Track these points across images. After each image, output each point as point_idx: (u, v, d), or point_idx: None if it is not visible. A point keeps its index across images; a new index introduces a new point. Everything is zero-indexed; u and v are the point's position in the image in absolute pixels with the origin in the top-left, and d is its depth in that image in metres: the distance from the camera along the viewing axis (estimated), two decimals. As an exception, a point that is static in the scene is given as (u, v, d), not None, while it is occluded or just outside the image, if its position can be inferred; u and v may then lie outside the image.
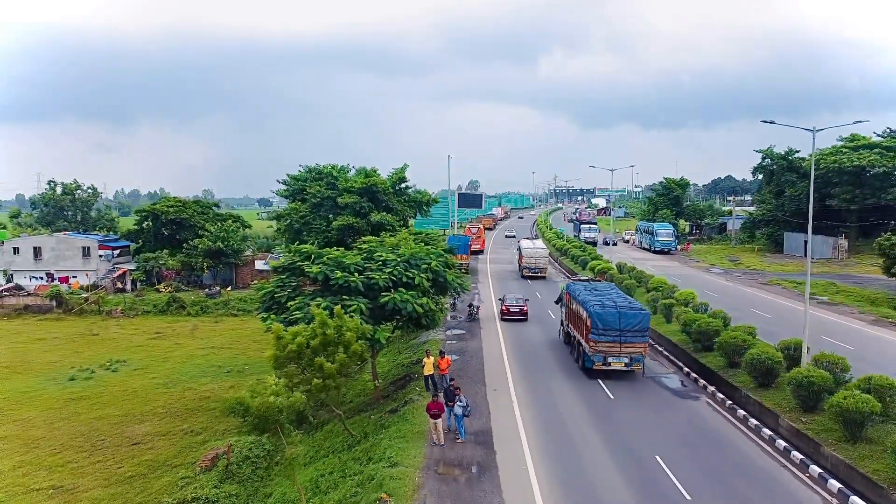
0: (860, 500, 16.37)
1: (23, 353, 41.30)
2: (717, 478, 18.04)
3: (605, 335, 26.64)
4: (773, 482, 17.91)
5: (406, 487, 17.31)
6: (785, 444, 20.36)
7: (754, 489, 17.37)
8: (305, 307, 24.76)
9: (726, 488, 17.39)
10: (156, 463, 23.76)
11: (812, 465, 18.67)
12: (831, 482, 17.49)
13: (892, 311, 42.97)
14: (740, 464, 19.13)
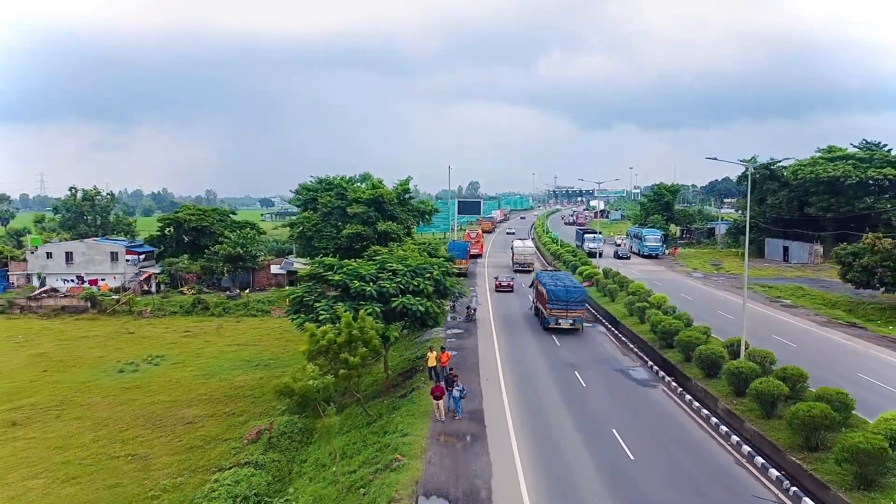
0: (762, 460, 21.51)
1: (70, 349, 46.49)
2: (658, 445, 23.15)
3: (557, 304, 39.79)
4: (701, 448, 23.02)
5: (415, 450, 22.43)
6: (717, 420, 25.48)
7: (685, 453, 22.49)
8: (330, 309, 29.92)
9: (663, 452, 22.50)
10: (208, 437, 28.92)
11: (734, 436, 23.79)
12: (745, 448, 22.61)
13: (845, 313, 48.11)
14: (679, 435, 24.25)
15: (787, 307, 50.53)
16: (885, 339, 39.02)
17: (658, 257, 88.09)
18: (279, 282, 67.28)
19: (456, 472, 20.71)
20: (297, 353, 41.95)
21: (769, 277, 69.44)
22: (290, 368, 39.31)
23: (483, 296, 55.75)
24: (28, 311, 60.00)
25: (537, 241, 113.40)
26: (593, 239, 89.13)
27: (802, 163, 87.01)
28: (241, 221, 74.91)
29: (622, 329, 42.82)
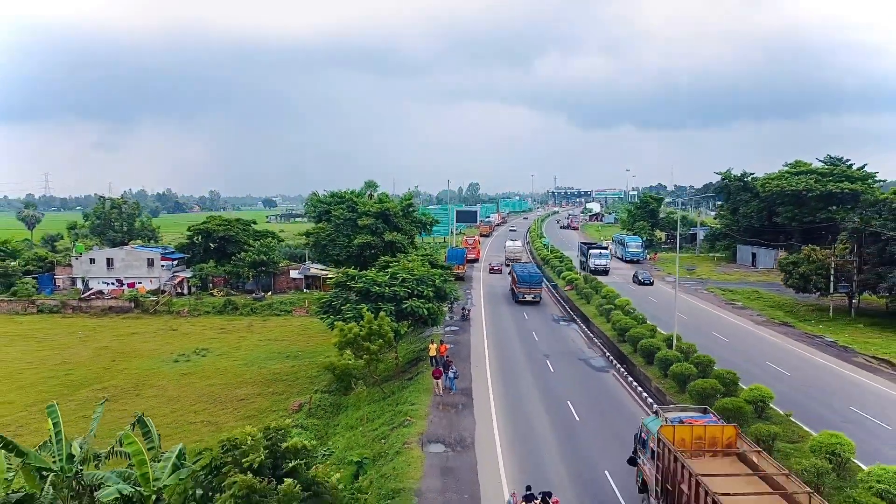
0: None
1: (127, 343, 54.92)
2: (599, 412, 31.53)
3: (523, 285, 60.19)
4: (631, 415, 31.38)
5: (420, 414, 30.81)
6: (647, 395, 33.87)
7: (617, 417, 30.86)
8: (354, 309, 38.37)
9: (602, 416, 30.87)
10: (260, 409, 37.31)
11: (656, 406, 32.16)
12: (661, 412, 30.94)
13: (784, 314, 56.48)
14: (617, 406, 32.64)
15: (737, 309, 58.90)
16: (804, 335, 47.45)
17: (640, 262, 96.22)
18: (298, 285, 75.73)
19: (450, 427, 29.11)
20: (320, 345, 50.67)
21: (734, 281, 77.88)
22: (315, 359, 47.92)
23: (478, 297, 64.26)
24: (79, 310, 68.44)
25: (531, 245, 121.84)
26: (599, 255, 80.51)
27: (771, 176, 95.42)
28: (262, 231, 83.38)
29: (592, 327, 51.14)
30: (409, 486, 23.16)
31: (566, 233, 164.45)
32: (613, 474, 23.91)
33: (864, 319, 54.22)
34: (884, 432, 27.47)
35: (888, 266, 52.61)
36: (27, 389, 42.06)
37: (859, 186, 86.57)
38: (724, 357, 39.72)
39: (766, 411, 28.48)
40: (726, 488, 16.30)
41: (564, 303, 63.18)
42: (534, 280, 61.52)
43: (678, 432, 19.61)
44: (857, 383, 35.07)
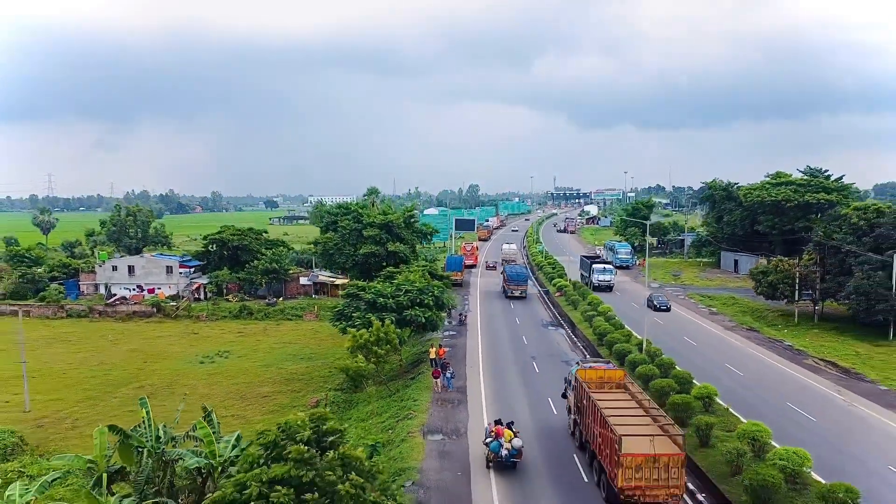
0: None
1: (155, 346, 60.32)
2: (554, 366, 36.74)
3: (511, 282, 71.63)
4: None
5: (421, 409, 36.17)
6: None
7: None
8: (364, 317, 43.75)
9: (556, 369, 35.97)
10: (281, 405, 42.66)
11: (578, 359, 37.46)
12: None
13: (753, 319, 61.88)
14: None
15: (711, 315, 64.28)
16: (766, 340, 52.88)
17: (629, 268, 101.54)
18: (307, 291, 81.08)
19: (447, 419, 34.48)
20: (331, 348, 56.08)
21: (714, 287, 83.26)
22: (327, 360, 53.35)
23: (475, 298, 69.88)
24: (105, 315, 73.82)
25: (528, 250, 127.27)
26: (603, 270, 76.58)
27: (753, 186, 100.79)
28: (273, 240, 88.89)
29: (577, 331, 56.50)
30: (413, 465, 28.53)
31: (562, 237, 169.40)
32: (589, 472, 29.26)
33: (826, 324, 59.61)
34: (809, 423, 32.87)
35: (847, 276, 57.93)
36: (74, 388, 47.47)
37: (835, 197, 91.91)
38: (689, 359, 45.20)
39: (713, 406, 33.85)
40: (611, 405, 26.68)
41: (554, 308, 68.54)
42: (520, 278, 73.37)
43: (587, 374, 30.59)
44: (799, 382, 40.48)
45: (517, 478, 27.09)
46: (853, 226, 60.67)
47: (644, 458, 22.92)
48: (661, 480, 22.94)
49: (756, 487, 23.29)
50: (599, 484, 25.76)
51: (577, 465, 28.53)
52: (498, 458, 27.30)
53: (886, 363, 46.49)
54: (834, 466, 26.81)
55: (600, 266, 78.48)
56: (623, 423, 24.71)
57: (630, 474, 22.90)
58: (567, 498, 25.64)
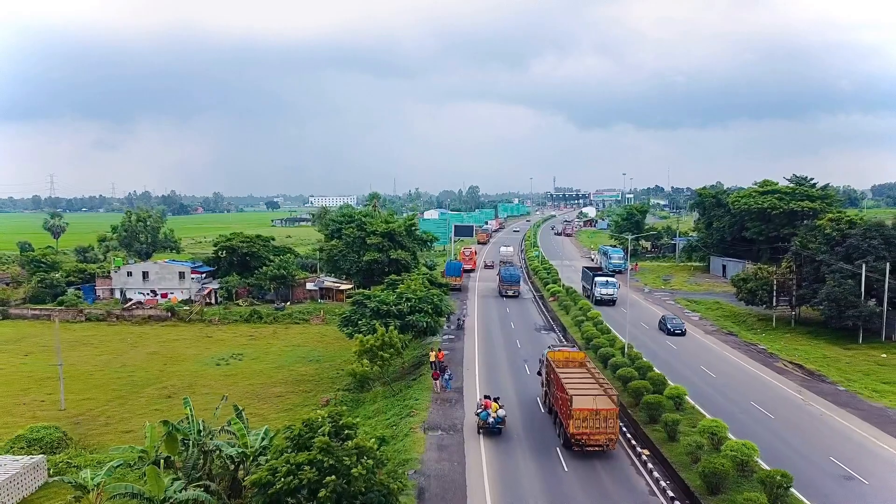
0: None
1: (172, 348, 64.33)
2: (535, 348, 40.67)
3: (505, 282, 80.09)
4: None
5: (422, 407, 40.17)
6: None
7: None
8: (369, 324, 47.76)
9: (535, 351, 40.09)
10: (294, 404, 46.62)
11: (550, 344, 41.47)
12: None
13: (733, 324, 65.83)
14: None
15: (694, 319, 68.15)
16: (742, 343, 56.85)
17: (622, 272, 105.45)
18: (313, 296, 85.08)
19: (445, 417, 38.46)
20: (337, 351, 60.03)
21: (701, 292, 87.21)
22: (334, 362, 57.32)
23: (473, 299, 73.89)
24: (122, 319, 77.83)
25: (525, 255, 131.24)
26: (605, 284, 73.79)
27: (741, 194, 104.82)
28: (280, 247, 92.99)
29: (568, 335, 60.42)
30: (415, 456, 32.53)
31: (559, 241, 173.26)
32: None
33: (802, 328, 63.68)
34: (766, 420, 36.88)
35: (821, 283, 61.91)
36: (102, 388, 51.46)
37: (818, 205, 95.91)
38: (668, 362, 49.29)
39: (683, 404, 37.85)
40: (569, 377, 34.74)
41: (548, 312, 72.49)
42: (513, 279, 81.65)
43: (555, 355, 38.88)
44: (765, 383, 44.48)
45: (502, 439, 34.33)
46: (827, 236, 64.67)
47: (589, 412, 31.20)
48: (601, 428, 31.42)
49: (708, 474, 27.30)
50: (559, 434, 34.26)
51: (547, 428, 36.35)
52: (486, 425, 34.79)
53: (851, 366, 50.52)
54: (781, 456, 30.81)
55: (603, 279, 74.77)
56: (576, 387, 33.18)
57: (578, 424, 31.34)
58: (536, 451, 33.02)
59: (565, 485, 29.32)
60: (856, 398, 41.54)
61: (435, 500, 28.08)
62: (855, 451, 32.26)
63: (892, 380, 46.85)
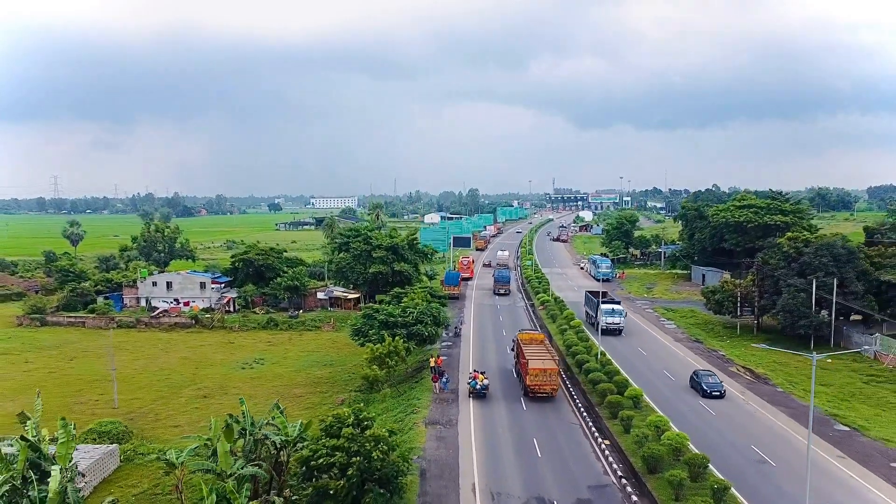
0: (584, 410, 46.90)
1: (200, 354, 71.95)
2: (540, 404, 48.48)
3: (498, 282, 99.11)
4: (561, 406, 48.40)
5: (423, 406, 47.85)
6: (574, 391, 50.77)
7: (551, 407, 47.91)
8: (378, 334, 55.43)
9: (542, 407, 47.81)
10: (313, 403, 54.19)
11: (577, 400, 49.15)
12: (579, 404, 47.99)
13: (702, 332, 73.41)
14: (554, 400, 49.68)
15: (667, 327, 75.75)
16: (705, 350, 64.49)
17: (609, 280, 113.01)
18: (323, 304, 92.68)
19: (442, 414, 46.10)
20: (348, 356, 67.60)
21: (680, 300, 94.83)
22: (346, 366, 64.89)
23: (468, 312, 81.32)
24: (150, 326, 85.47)
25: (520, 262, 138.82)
26: (612, 312, 68.56)
27: (720, 208, 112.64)
28: (293, 258, 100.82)
29: (554, 343, 68.01)
30: (418, 445, 40.15)
31: (555, 247, 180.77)
32: (542, 442, 40.84)
33: (763, 336, 71.18)
34: (708, 416, 44.53)
35: (779, 295, 69.53)
36: (146, 389, 59.07)
37: (790, 219, 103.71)
38: (636, 366, 56.92)
39: (641, 403, 45.52)
40: (530, 349, 50.42)
41: (537, 320, 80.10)
42: (505, 280, 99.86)
43: (522, 336, 54.72)
44: (715, 385, 52.04)
45: (486, 400, 48.42)
46: (785, 253, 72.24)
47: (539, 370, 47.71)
48: (548, 381, 47.92)
49: (647, 458, 34.97)
50: (521, 387, 49.95)
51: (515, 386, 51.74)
52: (475, 391, 48.92)
53: (798, 370, 58.16)
54: (713, 445, 38.44)
55: (608, 307, 68.92)
56: (533, 355, 49.27)
57: (532, 379, 47.81)
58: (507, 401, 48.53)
59: (524, 417, 45.15)
60: (789, 398, 49.23)
61: (434, 478, 35.73)
62: (773, 441, 39.90)
63: (830, 382, 54.63)
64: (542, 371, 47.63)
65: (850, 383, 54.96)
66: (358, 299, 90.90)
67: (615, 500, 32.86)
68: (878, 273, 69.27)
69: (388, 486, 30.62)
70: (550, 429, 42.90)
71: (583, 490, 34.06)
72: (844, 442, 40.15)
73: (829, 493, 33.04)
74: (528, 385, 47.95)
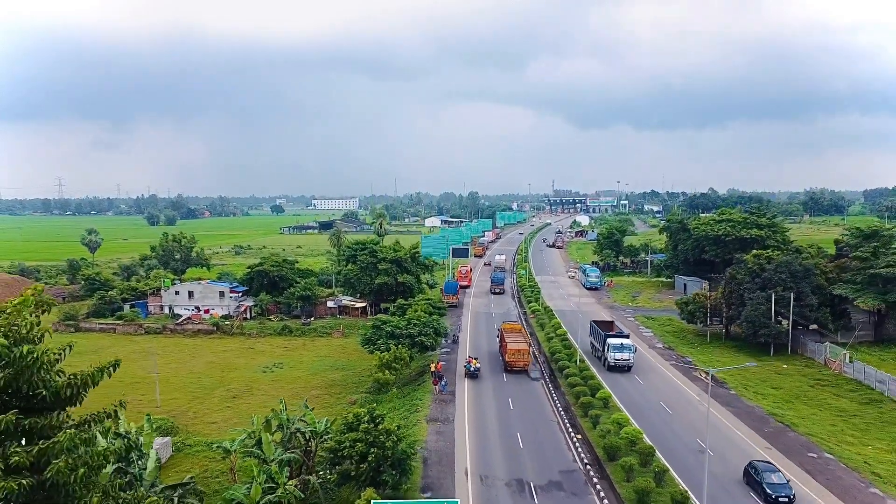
0: (559, 402, 55.08)
1: (225, 358, 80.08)
2: (524, 404, 56.59)
3: (493, 283, 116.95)
4: (544, 407, 56.54)
5: (425, 405, 56.04)
6: (554, 393, 58.91)
7: (535, 406, 56.05)
8: (385, 343, 63.64)
9: (525, 406, 55.92)
10: (329, 403, 62.30)
11: (555, 396, 57.31)
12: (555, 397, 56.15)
13: (673, 339, 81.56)
14: (536, 399, 57.81)
15: (645, 335, 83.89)
16: (675, 355, 72.60)
17: (597, 289, 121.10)
18: (333, 312, 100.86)
19: (441, 412, 54.25)
20: (357, 361, 75.70)
21: (660, 309, 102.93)
22: (356, 371, 73.01)
23: (466, 320, 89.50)
24: (175, 332, 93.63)
25: (516, 269, 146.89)
26: (620, 347, 63.64)
27: (701, 221, 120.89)
28: (304, 269, 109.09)
29: (541, 348, 76.19)
30: (420, 438, 48.26)
31: (550, 253, 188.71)
32: (524, 436, 48.90)
33: (730, 343, 79.33)
34: (666, 414, 52.67)
35: (744, 307, 77.66)
36: (181, 390, 67.24)
37: (765, 233, 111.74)
38: (613, 371, 64.93)
39: (610, 403, 53.63)
40: (509, 335, 67.56)
41: (528, 327, 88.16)
42: (500, 282, 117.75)
43: (505, 325, 73.03)
44: (677, 388, 60.24)
45: (478, 379, 61.03)
46: (750, 269, 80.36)
47: (515, 350, 63.30)
48: (521, 359, 63.48)
49: (608, 448, 43.13)
50: (502, 363, 65.22)
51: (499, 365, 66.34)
52: (469, 373, 62.31)
53: (754, 375, 66.25)
54: (664, 438, 46.59)
55: (617, 341, 64.21)
56: (511, 339, 65.31)
57: (510, 356, 63.53)
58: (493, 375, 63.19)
59: (504, 385, 60.66)
60: (739, 399, 57.41)
61: (434, 465, 43.89)
62: (715, 435, 47.85)
63: (781, 386, 62.87)
64: (518, 351, 63.76)
65: (798, 387, 63.09)
66: (365, 308, 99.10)
67: (580, 482, 41.05)
68: (831, 287, 77.49)
69: (399, 468, 38.73)
70: (533, 424, 51.06)
71: (555, 474, 42.21)
72: (775, 437, 48.29)
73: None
74: (506, 361, 64.42)
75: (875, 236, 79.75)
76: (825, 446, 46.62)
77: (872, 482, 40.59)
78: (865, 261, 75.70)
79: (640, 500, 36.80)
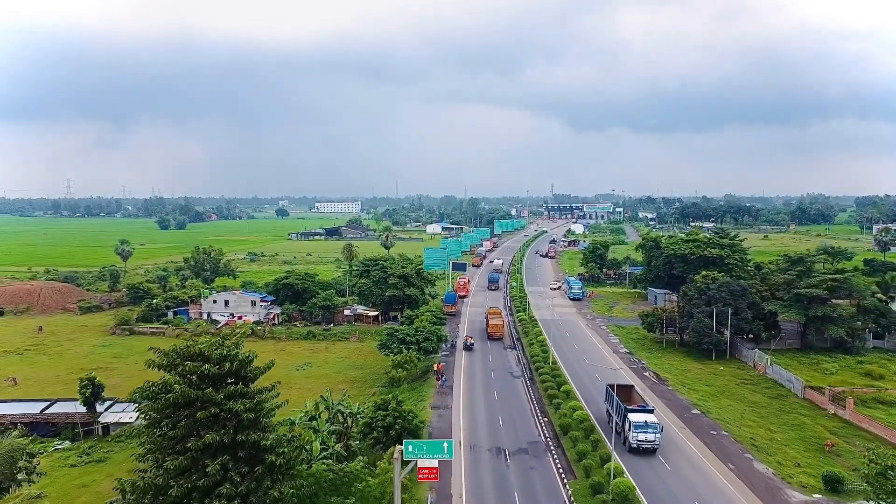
0: (536, 402, 71.61)
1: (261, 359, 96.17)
2: (507, 396, 73.02)
3: (490, 281, 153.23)
4: (520, 394, 73.03)
5: (429, 396, 72.55)
6: (532, 388, 75.30)
7: (514, 397, 72.55)
8: (398, 348, 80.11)
9: (507, 398, 72.32)
10: (353, 394, 78.38)
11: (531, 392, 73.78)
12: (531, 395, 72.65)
13: (635, 345, 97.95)
14: (516, 392, 74.29)
15: (612, 341, 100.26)
16: (633, 359, 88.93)
17: (580, 300, 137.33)
18: (349, 319, 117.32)
19: (443, 401, 70.69)
20: (373, 361, 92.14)
21: (630, 319, 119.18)
22: (372, 370, 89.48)
23: (463, 327, 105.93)
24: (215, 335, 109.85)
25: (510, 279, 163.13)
26: (644, 426, 54.29)
27: (671, 241, 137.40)
28: (325, 282, 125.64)
29: (526, 353, 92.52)
30: (427, 420, 64.56)
31: (542, 263, 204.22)
32: (504, 419, 65.32)
33: (682, 349, 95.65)
34: (613, 404, 69.06)
35: (692, 319, 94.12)
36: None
37: (725, 252, 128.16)
38: (578, 372, 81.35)
39: (571, 394, 70.04)
40: (492, 316, 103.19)
41: (516, 333, 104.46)
42: (495, 280, 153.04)
43: (489, 310, 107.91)
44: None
45: (473, 352, 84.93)
46: (698, 287, 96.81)
47: (495, 325, 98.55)
48: (498, 330, 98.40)
49: (563, 425, 59.59)
50: (486, 335, 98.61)
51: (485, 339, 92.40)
52: (466, 346, 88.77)
53: (694, 375, 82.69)
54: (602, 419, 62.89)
55: (640, 418, 55.01)
56: (493, 317, 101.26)
57: (491, 329, 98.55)
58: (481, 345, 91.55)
59: (487, 349, 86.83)
60: (673, 393, 73.76)
61: (437, 437, 60.24)
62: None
63: (713, 384, 79.20)
64: (496, 325, 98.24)
65: (726, 384, 79.45)
66: (377, 316, 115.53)
67: (541, 449, 57.47)
68: (764, 304, 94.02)
69: (414, 436, 55.17)
70: (512, 411, 67.34)
71: (524, 444, 58.63)
72: (690, 420, 64.65)
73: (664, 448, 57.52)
74: (489, 332, 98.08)
75: (800, 262, 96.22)
76: (726, 428, 62.96)
77: (749, 450, 57.04)
78: (791, 283, 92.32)
79: (579, 459, 53.22)
